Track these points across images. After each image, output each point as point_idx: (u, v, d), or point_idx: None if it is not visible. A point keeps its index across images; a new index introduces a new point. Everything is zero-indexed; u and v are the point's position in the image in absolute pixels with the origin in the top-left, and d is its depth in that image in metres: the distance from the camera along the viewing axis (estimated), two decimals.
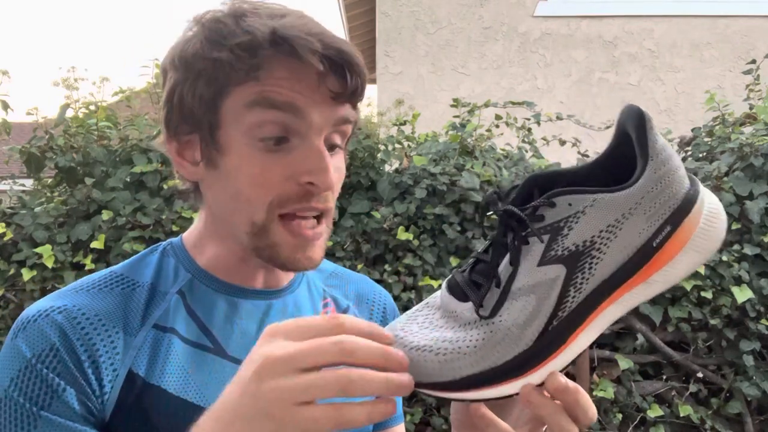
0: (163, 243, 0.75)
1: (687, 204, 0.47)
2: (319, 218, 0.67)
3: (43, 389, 0.59)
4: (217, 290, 0.70)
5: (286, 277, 0.75)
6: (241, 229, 0.65)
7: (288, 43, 0.59)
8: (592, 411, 0.50)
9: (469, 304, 0.50)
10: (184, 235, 0.75)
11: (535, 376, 0.48)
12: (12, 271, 2.52)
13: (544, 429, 0.54)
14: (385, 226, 2.54)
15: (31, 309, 0.63)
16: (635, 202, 0.46)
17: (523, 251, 0.49)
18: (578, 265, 0.47)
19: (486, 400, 0.50)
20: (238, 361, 0.68)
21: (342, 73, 0.61)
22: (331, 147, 0.66)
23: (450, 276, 0.55)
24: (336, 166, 0.66)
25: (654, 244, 0.46)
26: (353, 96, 0.64)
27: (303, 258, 0.66)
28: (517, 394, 0.48)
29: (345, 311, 0.82)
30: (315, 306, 0.78)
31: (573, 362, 0.49)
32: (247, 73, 0.60)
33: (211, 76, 0.62)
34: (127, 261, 0.72)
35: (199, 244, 0.72)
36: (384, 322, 0.85)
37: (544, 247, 0.47)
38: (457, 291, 0.53)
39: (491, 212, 0.51)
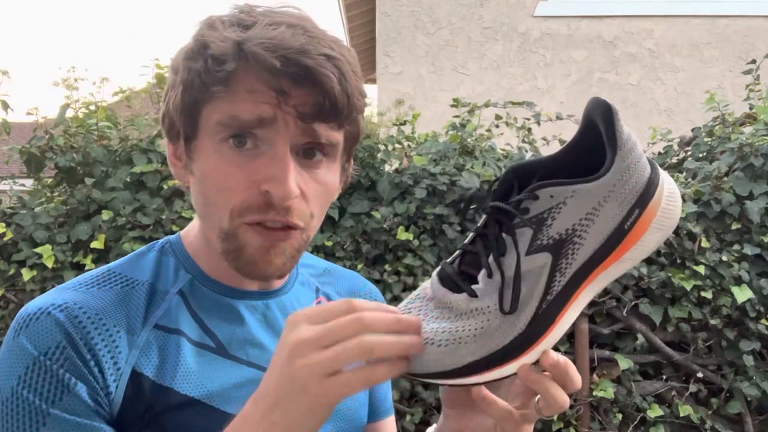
0: (161, 241, 0.74)
1: (651, 188, 0.52)
2: (286, 229, 0.64)
3: (54, 384, 0.59)
4: (216, 292, 0.70)
5: (281, 278, 0.75)
6: (212, 234, 0.66)
7: (250, 57, 0.58)
8: (579, 379, 0.54)
9: (463, 295, 0.53)
10: (182, 233, 0.75)
11: (531, 356, 0.52)
12: (12, 271, 2.52)
13: (536, 398, 0.56)
14: (385, 226, 2.54)
15: (32, 306, 0.63)
16: (609, 190, 0.50)
17: (512, 242, 0.52)
18: (562, 251, 0.51)
19: (486, 383, 0.53)
20: (239, 361, 0.68)
21: (308, 91, 0.59)
22: (308, 154, 0.64)
23: (439, 268, 0.58)
24: (315, 179, 0.64)
25: (626, 227, 0.51)
26: (329, 116, 0.61)
27: (262, 261, 0.64)
28: (515, 373, 0.52)
29: None
30: (309, 304, 0.79)
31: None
32: (216, 86, 0.60)
33: (189, 85, 0.62)
34: (124, 258, 0.71)
35: (196, 245, 0.72)
36: None
37: (531, 236, 0.51)
38: (448, 283, 0.55)
39: (475, 207, 0.54)
